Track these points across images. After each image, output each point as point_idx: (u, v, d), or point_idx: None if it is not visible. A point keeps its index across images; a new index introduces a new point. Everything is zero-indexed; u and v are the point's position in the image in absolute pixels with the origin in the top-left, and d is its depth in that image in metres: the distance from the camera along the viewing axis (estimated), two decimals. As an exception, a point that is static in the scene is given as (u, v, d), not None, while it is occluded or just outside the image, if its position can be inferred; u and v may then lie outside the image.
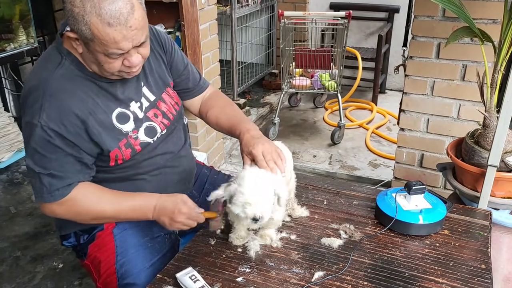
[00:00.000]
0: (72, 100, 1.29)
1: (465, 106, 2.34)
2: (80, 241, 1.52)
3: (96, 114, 1.33)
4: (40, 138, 1.26)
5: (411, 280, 1.27)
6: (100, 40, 1.19)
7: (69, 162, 1.31)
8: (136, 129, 1.42)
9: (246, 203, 1.24)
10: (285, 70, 3.94)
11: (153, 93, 1.49)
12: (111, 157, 1.38)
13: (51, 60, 1.32)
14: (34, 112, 1.26)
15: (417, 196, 1.49)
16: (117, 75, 1.34)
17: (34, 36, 3.47)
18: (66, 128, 1.27)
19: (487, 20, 2.14)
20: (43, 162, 1.28)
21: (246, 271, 1.32)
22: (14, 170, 3.49)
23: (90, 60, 1.30)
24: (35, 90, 1.28)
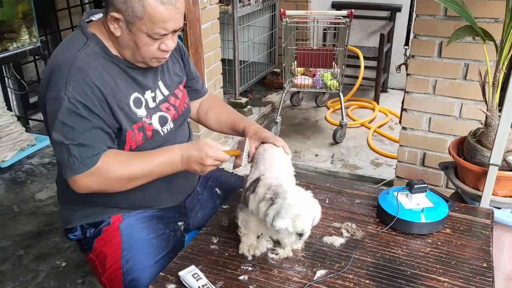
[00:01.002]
0: (96, 75, 1.33)
1: (467, 105, 2.34)
2: (86, 234, 1.52)
3: (117, 93, 1.37)
4: (67, 110, 1.29)
5: (413, 279, 1.28)
6: (151, 17, 1.27)
7: (96, 133, 1.34)
8: (150, 115, 1.46)
9: (297, 215, 1.20)
10: (287, 69, 3.94)
11: (167, 88, 1.55)
12: (127, 139, 1.40)
13: (76, 41, 1.37)
14: (60, 87, 1.29)
15: (419, 195, 1.49)
16: (147, 62, 1.39)
17: (36, 36, 3.49)
18: (92, 101, 1.31)
19: (489, 19, 2.14)
20: (72, 133, 1.31)
21: (249, 270, 1.32)
22: (17, 169, 3.50)
23: (127, 44, 1.34)
24: (60, 67, 1.32)
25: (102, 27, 1.39)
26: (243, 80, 4.53)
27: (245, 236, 1.37)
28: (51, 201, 3.09)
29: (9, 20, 3.29)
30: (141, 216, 1.53)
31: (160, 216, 1.56)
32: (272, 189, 1.27)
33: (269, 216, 1.21)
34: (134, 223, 1.51)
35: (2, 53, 3.25)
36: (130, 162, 1.37)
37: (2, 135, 3.41)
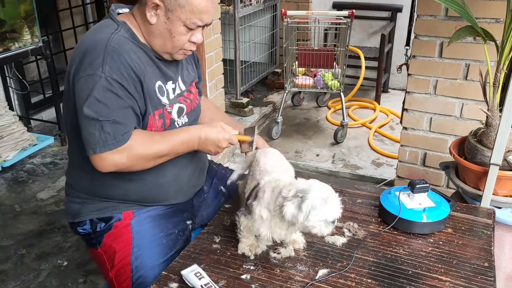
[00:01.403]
0: (130, 57, 1.37)
1: (467, 105, 2.35)
2: (96, 228, 1.52)
3: (146, 77, 1.41)
4: (103, 88, 1.31)
5: (414, 278, 1.28)
6: (192, 6, 1.35)
7: (128, 112, 1.37)
8: (172, 104, 1.50)
9: (331, 205, 1.23)
10: (288, 69, 3.95)
11: (184, 83, 1.60)
12: (149, 123, 1.43)
13: (107, 26, 1.41)
14: (97, 66, 1.32)
15: (421, 195, 1.50)
16: (174, 53, 1.46)
17: (38, 36, 3.49)
18: (127, 80, 1.35)
19: (490, 19, 2.15)
20: (106, 110, 1.32)
21: (251, 269, 1.33)
22: (18, 168, 3.51)
23: (160, 32, 1.40)
24: (94, 47, 1.35)
25: (131, 17, 1.44)
26: (244, 80, 4.54)
27: (245, 237, 1.38)
28: (53, 201, 3.10)
29: (11, 20, 3.30)
30: (151, 214, 1.54)
31: (169, 214, 1.57)
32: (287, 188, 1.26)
33: (303, 213, 1.21)
34: (145, 220, 1.52)
35: (4, 53, 3.25)
36: (154, 140, 1.41)
37: (4, 134, 3.42)
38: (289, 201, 1.23)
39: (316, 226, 1.24)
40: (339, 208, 1.25)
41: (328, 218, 1.23)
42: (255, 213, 1.30)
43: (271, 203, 1.28)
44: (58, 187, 3.25)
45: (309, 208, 1.21)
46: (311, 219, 1.21)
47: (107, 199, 1.51)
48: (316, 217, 1.21)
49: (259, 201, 1.30)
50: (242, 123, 4.12)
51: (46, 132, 3.99)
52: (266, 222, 1.29)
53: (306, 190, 1.23)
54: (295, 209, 1.22)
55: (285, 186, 1.28)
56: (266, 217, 1.28)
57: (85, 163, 1.41)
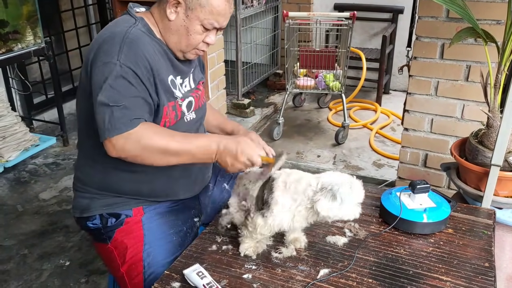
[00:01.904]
0: (145, 49, 1.40)
1: (469, 106, 2.36)
2: (107, 224, 1.52)
3: (160, 70, 1.44)
4: (117, 75, 1.34)
5: (415, 278, 1.29)
6: (212, 8, 1.41)
7: (139, 101, 1.38)
8: (183, 98, 1.53)
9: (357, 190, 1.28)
10: (290, 70, 3.96)
11: (194, 82, 1.63)
12: (163, 114, 1.45)
13: (125, 21, 1.45)
14: (113, 54, 1.35)
15: (422, 195, 1.51)
16: (186, 52, 1.50)
17: (41, 36, 3.51)
18: (141, 70, 1.37)
19: (491, 21, 2.15)
20: (117, 96, 1.34)
21: (252, 268, 1.34)
22: (21, 169, 3.52)
23: (178, 28, 1.45)
24: (112, 39, 1.38)
25: (149, 15, 1.49)
26: (246, 81, 4.55)
27: (250, 238, 1.38)
28: (55, 201, 3.11)
29: (13, 21, 3.31)
30: (160, 211, 1.55)
31: (177, 211, 1.59)
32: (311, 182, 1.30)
33: (337, 202, 1.26)
34: (155, 217, 1.53)
35: (7, 54, 3.26)
36: (169, 135, 1.39)
37: (6, 135, 3.43)
38: (321, 195, 1.27)
39: (350, 212, 1.29)
40: (362, 189, 1.30)
41: (358, 200, 1.29)
42: (278, 204, 1.31)
43: (296, 193, 1.31)
44: (60, 188, 3.26)
45: (343, 196, 1.26)
46: (345, 207, 1.27)
47: (118, 195, 1.52)
48: (349, 202, 1.27)
49: (281, 191, 1.32)
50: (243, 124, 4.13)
51: (49, 133, 4.00)
52: (289, 211, 1.32)
53: (332, 183, 1.27)
54: (329, 202, 1.26)
55: (311, 179, 1.31)
56: (290, 206, 1.31)
57: (98, 156, 1.43)
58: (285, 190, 1.32)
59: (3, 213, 2.99)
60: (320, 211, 1.27)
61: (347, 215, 1.29)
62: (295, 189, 1.31)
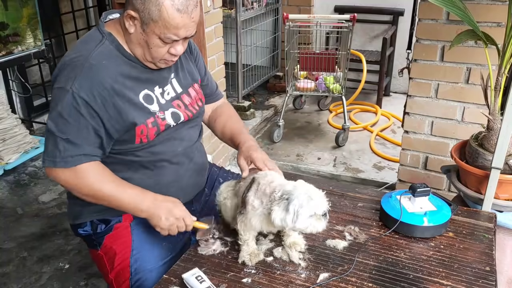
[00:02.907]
0: (106, 74, 1.36)
1: (469, 109, 2.35)
2: (96, 230, 1.53)
3: (126, 92, 1.40)
4: (68, 104, 1.32)
5: (415, 282, 1.28)
6: (165, 22, 1.31)
7: (87, 133, 1.36)
8: (162, 110, 1.48)
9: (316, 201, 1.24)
10: (290, 72, 3.95)
11: (181, 85, 1.57)
12: (137, 132, 1.42)
13: (92, 39, 1.42)
14: (68, 80, 1.33)
15: (422, 198, 1.50)
16: (155, 62, 1.43)
17: (41, 39, 3.51)
18: (95, 99, 1.34)
19: (491, 23, 2.15)
20: (65, 127, 1.34)
21: (252, 272, 1.33)
22: (21, 171, 3.52)
23: (138, 41, 1.38)
24: (73, 62, 1.36)
25: (118, 26, 1.43)
26: (246, 84, 4.54)
27: (246, 244, 1.37)
28: (55, 204, 3.11)
29: (14, 23, 3.31)
30: None
31: None
32: (276, 188, 1.28)
33: (291, 214, 1.22)
34: (146, 222, 1.51)
35: (7, 56, 3.27)
36: (106, 180, 1.40)
37: (6, 137, 3.42)
38: (276, 205, 1.24)
39: (307, 225, 1.25)
40: (325, 200, 1.26)
41: (317, 211, 1.24)
42: (249, 204, 1.31)
43: (264, 195, 1.30)
44: (60, 190, 3.26)
45: (296, 208, 1.22)
46: (300, 219, 1.23)
47: None
48: (304, 215, 1.23)
49: (254, 192, 1.32)
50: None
51: (48, 135, 3.99)
52: (257, 212, 1.30)
53: (291, 191, 1.25)
54: (282, 212, 1.23)
55: (278, 185, 1.30)
56: (257, 206, 1.30)
57: None
58: (257, 191, 1.32)
59: (2, 216, 2.98)
60: (274, 221, 1.25)
61: (304, 228, 1.26)
62: (264, 192, 1.30)
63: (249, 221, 1.33)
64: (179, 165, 1.56)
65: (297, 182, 1.32)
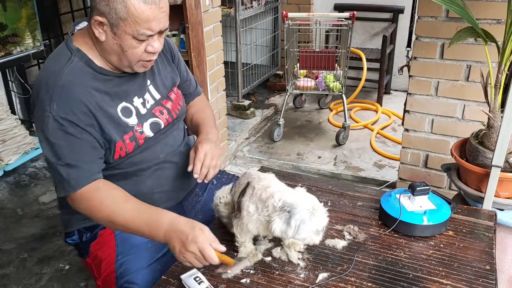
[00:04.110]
0: (81, 91, 1.32)
1: (469, 107, 2.34)
2: (82, 238, 1.53)
3: (104, 107, 1.37)
4: (53, 129, 1.29)
5: (415, 281, 1.27)
6: (135, 17, 1.25)
7: (84, 150, 1.33)
8: (141, 123, 1.45)
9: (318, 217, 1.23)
10: (290, 71, 3.95)
11: (159, 92, 1.54)
12: (116, 149, 1.40)
13: (60, 57, 1.37)
14: (45, 104, 1.29)
15: (421, 197, 1.49)
16: (133, 66, 1.37)
17: (40, 39, 3.50)
18: (77, 116, 1.31)
19: (491, 20, 2.14)
20: (59, 152, 1.31)
21: (251, 273, 1.32)
22: (21, 172, 3.52)
23: (112, 48, 1.32)
24: (45, 85, 1.32)
25: (87, 37, 1.38)
26: (246, 83, 4.53)
27: (243, 245, 1.37)
28: (55, 204, 3.10)
29: (12, 24, 3.31)
30: None
31: None
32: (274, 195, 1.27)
33: (292, 228, 1.21)
34: None
35: (6, 57, 3.26)
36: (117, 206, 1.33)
37: (6, 138, 3.42)
38: (277, 216, 1.23)
39: (306, 237, 1.25)
40: (326, 216, 1.26)
41: (318, 227, 1.24)
42: (244, 209, 1.30)
43: (260, 201, 1.28)
44: (60, 191, 3.25)
45: (298, 223, 1.21)
46: (301, 233, 1.22)
47: None
48: (305, 230, 1.22)
49: (249, 196, 1.31)
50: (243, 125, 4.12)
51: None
52: (253, 217, 1.29)
53: (293, 205, 1.23)
54: (283, 225, 1.22)
55: (276, 192, 1.28)
56: (252, 212, 1.29)
57: None
58: (251, 196, 1.30)
59: (3, 217, 2.98)
60: (273, 232, 1.24)
61: (303, 240, 1.26)
62: (259, 197, 1.29)
63: (245, 226, 1.32)
64: (161, 170, 1.54)
65: (297, 190, 1.30)
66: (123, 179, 1.47)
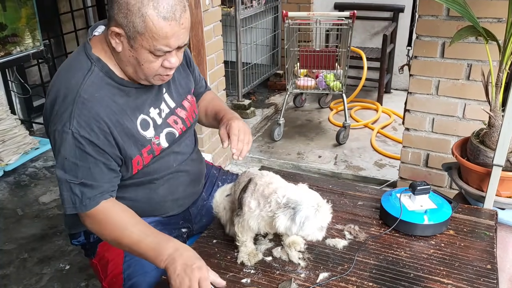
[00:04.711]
0: (101, 107, 1.28)
1: (470, 106, 2.33)
2: (90, 239, 1.52)
3: (124, 122, 1.33)
4: (71, 146, 1.25)
5: (416, 281, 1.27)
6: (152, 33, 1.20)
7: (100, 171, 1.30)
8: (157, 135, 1.43)
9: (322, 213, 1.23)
10: (290, 70, 3.94)
11: (174, 100, 1.51)
12: (133, 165, 1.37)
13: (80, 67, 1.32)
14: (65, 120, 1.25)
15: (422, 196, 1.49)
16: (149, 80, 1.34)
17: (40, 39, 3.50)
18: (97, 135, 1.27)
19: (492, 19, 2.13)
20: (74, 171, 1.27)
21: (251, 272, 1.32)
22: (21, 172, 3.51)
23: (128, 60, 1.29)
24: (65, 97, 1.27)
25: (105, 44, 1.33)
26: (246, 82, 4.53)
27: (243, 245, 1.36)
28: (55, 204, 3.10)
29: (12, 24, 3.31)
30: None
31: (164, 222, 1.55)
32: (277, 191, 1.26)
33: (297, 225, 1.21)
34: None
35: (6, 57, 3.26)
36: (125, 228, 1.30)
37: (6, 138, 3.42)
38: (282, 212, 1.23)
39: (310, 234, 1.24)
40: (329, 213, 1.26)
41: (322, 224, 1.24)
42: (245, 205, 1.30)
43: (262, 197, 1.28)
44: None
45: (303, 219, 1.21)
46: (305, 229, 1.22)
47: None
48: (309, 226, 1.22)
49: (251, 193, 1.30)
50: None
51: (48, 136, 3.99)
52: (255, 213, 1.29)
53: (298, 201, 1.22)
54: (288, 221, 1.22)
55: (278, 188, 1.28)
56: (254, 208, 1.28)
57: None
58: (253, 192, 1.30)
59: (3, 217, 2.98)
60: (277, 228, 1.24)
61: (307, 236, 1.25)
62: (262, 193, 1.29)
63: (246, 222, 1.31)
64: (174, 179, 1.53)
65: (300, 186, 1.29)
66: (135, 189, 1.46)
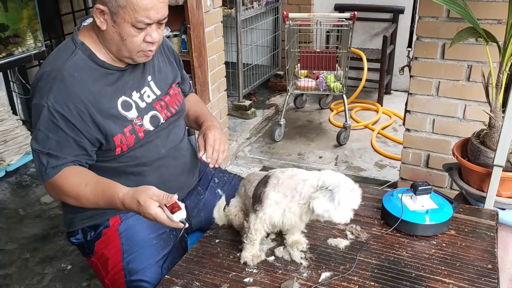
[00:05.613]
0: (80, 86, 1.36)
1: (470, 107, 2.34)
2: (87, 237, 1.54)
3: (103, 102, 1.40)
4: (45, 118, 1.34)
5: (417, 281, 1.28)
6: (133, 5, 1.29)
7: (68, 145, 1.37)
8: (141, 116, 1.48)
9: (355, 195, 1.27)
10: (291, 71, 3.95)
11: (160, 88, 1.58)
12: (116, 143, 1.43)
13: (66, 50, 1.41)
14: (43, 94, 1.34)
15: (423, 197, 1.50)
16: (133, 57, 1.41)
17: (41, 40, 3.51)
18: (71, 112, 1.35)
19: (492, 21, 2.14)
20: (45, 142, 1.36)
21: (254, 272, 1.33)
22: (22, 172, 3.52)
23: (112, 37, 1.36)
24: (47, 75, 1.36)
25: (91, 31, 1.43)
26: (247, 83, 4.54)
27: (252, 243, 1.36)
28: (56, 204, 3.11)
29: (14, 25, 3.31)
30: (139, 217, 1.52)
31: None
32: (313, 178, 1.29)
33: (335, 205, 1.23)
34: (133, 224, 1.52)
35: (7, 58, 3.27)
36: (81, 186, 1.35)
37: (8, 139, 3.43)
38: (320, 193, 1.24)
39: (343, 216, 1.26)
40: (360, 196, 1.29)
41: (354, 206, 1.27)
42: (269, 198, 1.30)
43: (287, 189, 1.29)
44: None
45: (341, 200, 1.23)
46: (342, 210, 1.24)
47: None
48: (345, 208, 1.24)
49: (273, 186, 1.31)
50: (244, 125, 4.13)
51: (50, 136, 3.99)
52: (279, 206, 1.30)
53: (335, 183, 1.25)
54: (326, 202, 1.24)
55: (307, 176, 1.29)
56: (280, 201, 1.30)
57: None
58: (277, 185, 1.31)
59: (4, 217, 2.99)
60: (316, 210, 1.25)
61: (339, 218, 1.26)
62: (287, 185, 1.30)
63: (268, 216, 1.31)
64: (164, 167, 1.56)
65: (331, 172, 1.31)
66: (125, 177, 1.48)
